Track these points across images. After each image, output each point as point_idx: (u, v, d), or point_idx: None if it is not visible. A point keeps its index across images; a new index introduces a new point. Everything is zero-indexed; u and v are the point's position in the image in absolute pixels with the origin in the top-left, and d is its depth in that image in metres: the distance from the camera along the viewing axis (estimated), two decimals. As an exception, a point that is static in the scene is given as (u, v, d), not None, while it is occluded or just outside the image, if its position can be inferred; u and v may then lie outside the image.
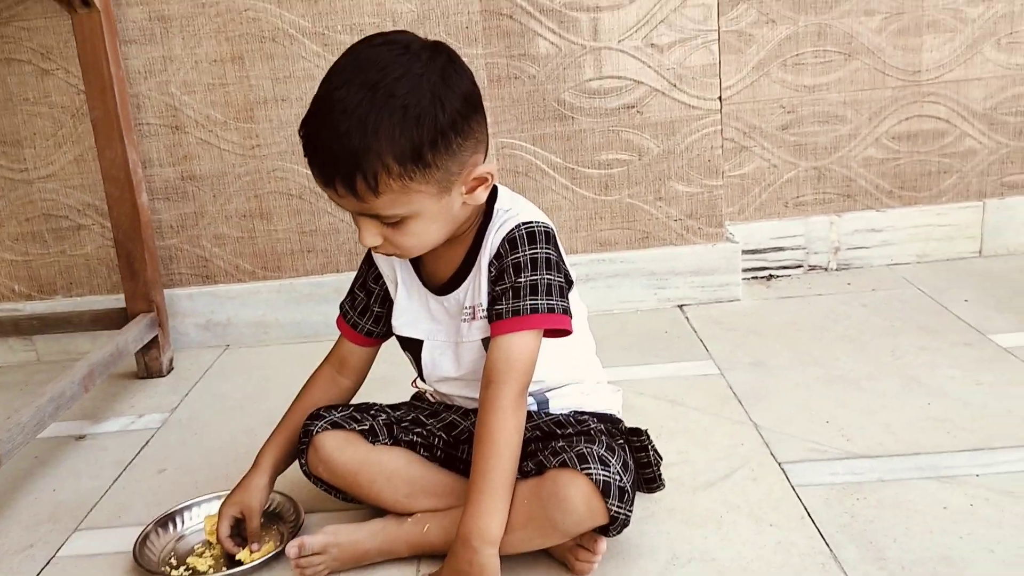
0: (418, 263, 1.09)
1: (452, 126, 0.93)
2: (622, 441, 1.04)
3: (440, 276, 1.07)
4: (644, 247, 1.84)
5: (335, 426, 1.07)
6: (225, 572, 1.07)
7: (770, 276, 1.97)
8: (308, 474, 1.10)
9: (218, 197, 1.81)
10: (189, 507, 1.19)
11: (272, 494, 1.16)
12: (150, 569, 1.08)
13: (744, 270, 1.93)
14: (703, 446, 1.28)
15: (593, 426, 1.06)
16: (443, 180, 0.94)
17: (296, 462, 1.12)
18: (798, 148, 1.92)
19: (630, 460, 1.01)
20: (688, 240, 1.84)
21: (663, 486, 1.06)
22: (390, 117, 0.89)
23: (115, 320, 1.70)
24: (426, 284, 1.08)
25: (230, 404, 1.58)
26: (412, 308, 1.09)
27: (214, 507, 1.16)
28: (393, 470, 1.07)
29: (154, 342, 1.70)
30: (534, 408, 1.09)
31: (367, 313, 1.14)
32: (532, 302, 0.98)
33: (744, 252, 1.92)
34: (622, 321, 1.80)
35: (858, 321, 1.69)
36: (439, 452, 1.12)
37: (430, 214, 0.96)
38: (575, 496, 0.93)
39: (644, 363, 1.58)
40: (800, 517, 1.08)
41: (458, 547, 0.94)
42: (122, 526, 1.21)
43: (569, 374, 1.11)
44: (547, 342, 1.02)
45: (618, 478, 0.94)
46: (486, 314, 1.02)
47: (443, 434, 1.12)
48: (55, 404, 1.31)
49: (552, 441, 1.03)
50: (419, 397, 1.19)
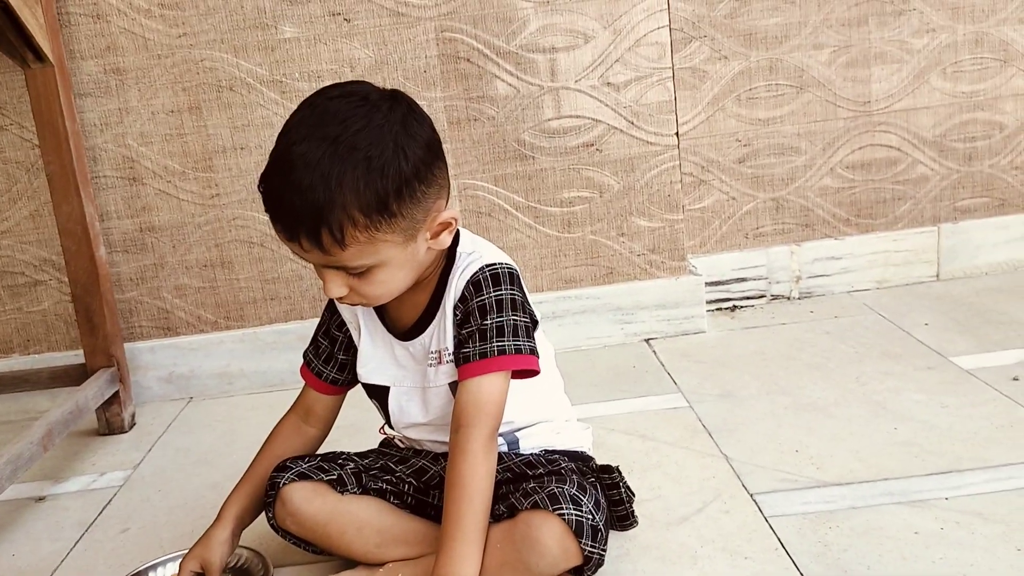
0: (382, 309, 1.08)
1: (416, 175, 0.93)
2: (593, 479, 1.03)
3: (404, 321, 1.06)
4: (609, 283, 1.85)
5: (302, 477, 1.06)
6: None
7: (734, 307, 1.99)
8: (276, 527, 1.08)
9: (178, 248, 1.79)
10: (154, 567, 1.15)
11: (239, 549, 1.13)
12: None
13: (708, 302, 1.95)
14: (675, 480, 1.28)
15: (564, 465, 1.05)
16: (408, 228, 0.94)
17: (263, 515, 1.10)
18: (755, 180, 1.95)
19: (602, 498, 1.00)
20: (652, 274, 1.85)
21: (636, 523, 1.05)
22: (354, 170, 0.89)
23: (74, 377, 1.66)
24: (390, 330, 1.07)
25: (194, 458, 1.55)
26: (377, 355, 1.08)
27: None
28: (363, 520, 1.05)
29: (115, 397, 1.67)
30: (504, 449, 1.09)
31: (331, 361, 1.13)
32: (499, 344, 0.98)
33: (707, 284, 1.94)
34: (590, 357, 1.80)
35: (823, 348, 1.70)
36: (409, 499, 1.10)
37: (396, 262, 0.95)
38: (548, 538, 0.92)
39: (613, 399, 1.58)
40: (774, 549, 1.08)
41: None
42: (85, 589, 1.18)
43: (538, 413, 1.11)
44: (515, 383, 1.01)
45: (591, 517, 0.93)
46: (452, 358, 1.02)
47: (413, 480, 1.11)
48: (13, 466, 1.28)
49: (523, 482, 1.02)
50: (387, 444, 1.18)
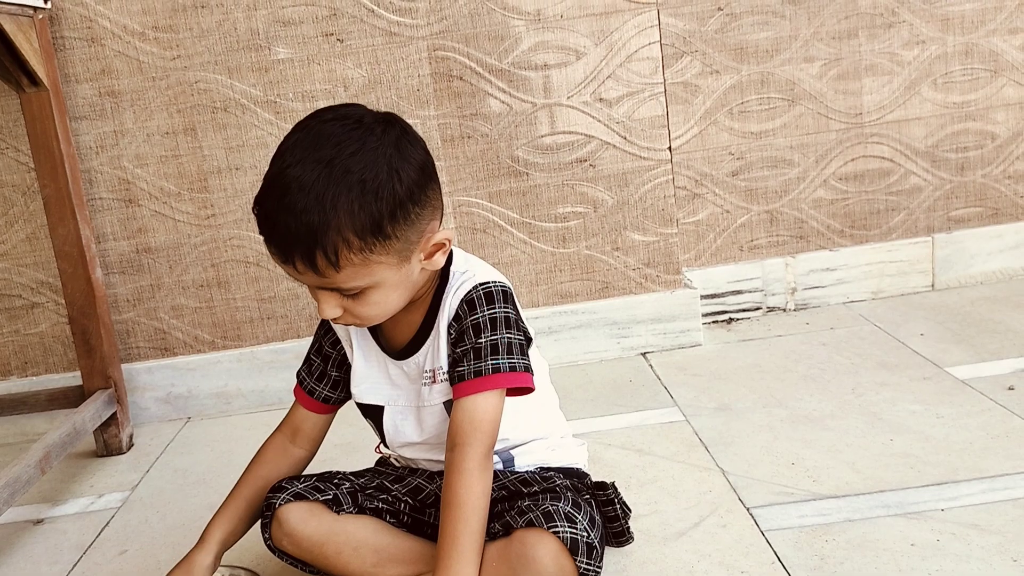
0: (376, 328, 1.08)
1: (410, 197, 0.93)
2: (588, 496, 1.03)
3: (399, 340, 1.07)
4: (604, 297, 1.85)
5: (298, 497, 1.06)
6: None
7: (730, 319, 1.99)
8: (272, 548, 1.08)
9: (174, 268, 1.80)
10: (152, 589, 1.16)
11: (236, 570, 1.14)
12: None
13: (704, 315, 1.95)
14: (672, 495, 1.28)
15: (559, 482, 1.05)
16: (403, 250, 0.94)
17: (260, 535, 1.09)
18: (749, 193, 1.96)
19: (597, 515, 1.00)
20: (647, 288, 1.86)
21: (632, 539, 1.05)
22: (348, 192, 0.89)
23: (72, 399, 1.67)
24: (384, 349, 1.08)
25: (193, 479, 1.55)
26: (371, 374, 1.09)
27: (178, 587, 1.13)
28: (360, 539, 1.05)
29: (113, 419, 1.67)
30: (500, 467, 1.09)
31: (324, 378, 1.13)
32: (494, 362, 0.98)
33: (703, 297, 1.94)
34: (586, 372, 1.80)
35: (819, 360, 1.71)
36: (406, 517, 1.10)
37: (390, 283, 0.96)
38: (544, 556, 0.92)
39: (610, 413, 1.58)
40: (771, 563, 1.08)
41: None
42: (82, 613, 1.18)
43: (533, 430, 1.11)
44: (510, 400, 1.01)
45: (585, 534, 0.94)
46: (447, 377, 1.02)
47: (409, 499, 1.11)
48: (10, 489, 1.28)
49: (518, 500, 1.02)
50: (383, 462, 1.18)
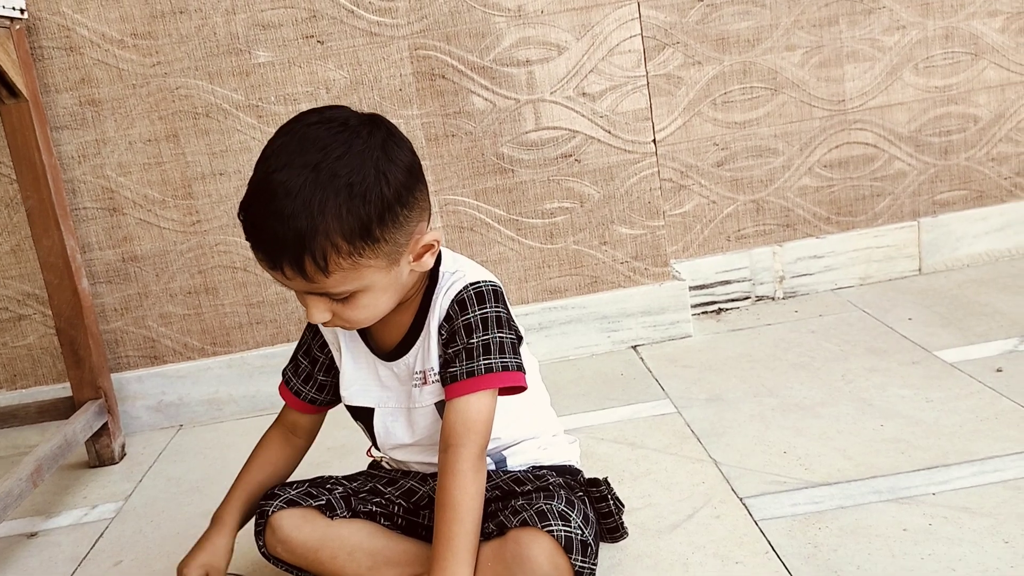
0: (365, 330, 1.08)
1: (398, 199, 0.93)
2: (581, 493, 1.03)
3: (388, 342, 1.06)
4: (593, 291, 1.85)
5: (291, 504, 1.05)
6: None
7: (719, 310, 2.00)
8: (267, 555, 1.08)
9: (161, 276, 1.79)
10: (148, 599, 1.15)
11: (232, 578, 1.14)
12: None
13: (693, 306, 1.96)
14: (665, 488, 1.28)
15: (552, 480, 1.05)
16: (392, 252, 0.94)
17: (254, 543, 1.09)
18: (735, 183, 1.96)
19: (591, 512, 1.01)
20: (636, 281, 1.86)
21: (626, 534, 1.06)
22: (336, 196, 0.88)
23: (62, 410, 1.66)
24: (374, 351, 1.07)
25: (186, 487, 1.54)
26: (360, 377, 1.08)
27: (173, 597, 1.13)
28: (354, 543, 1.05)
29: (104, 429, 1.67)
30: (492, 467, 1.09)
31: (311, 381, 1.13)
32: (486, 361, 0.98)
33: (692, 288, 1.95)
34: (578, 367, 1.80)
35: (808, 348, 1.71)
36: (400, 520, 1.10)
37: (379, 286, 0.95)
38: (538, 555, 0.92)
39: (602, 407, 1.59)
40: (764, 552, 1.09)
41: None
42: (79, 625, 1.17)
43: (525, 430, 1.11)
44: (501, 400, 1.01)
45: (580, 532, 0.94)
46: (438, 378, 1.02)
47: (402, 501, 1.11)
48: (3, 503, 1.27)
49: (512, 500, 1.02)
50: (375, 466, 1.18)
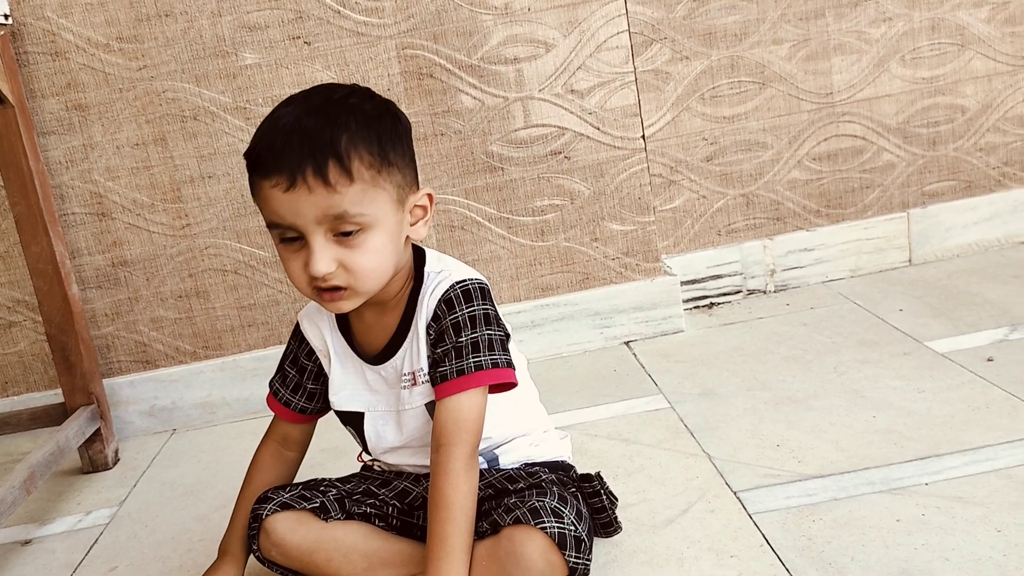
0: (350, 334, 1.08)
1: (405, 134, 1.00)
2: (574, 489, 1.04)
3: (375, 345, 1.06)
4: (585, 288, 1.86)
5: (285, 507, 1.05)
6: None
7: (711, 304, 2.00)
8: (261, 559, 1.07)
9: (151, 280, 1.78)
10: (143, 604, 1.15)
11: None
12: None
13: (685, 301, 1.96)
14: (659, 483, 1.28)
15: (544, 477, 1.05)
16: (400, 187, 0.97)
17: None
18: (724, 177, 1.96)
19: (584, 508, 1.01)
20: (628, 277, 1.86)
21: (620, 529, 1.06)
22: (353, 117, 0.94)
23: (54, 416, 1.66)
24: (360, 355, 1.07)
25: (180, 491, 1.54)
26: (349, 382, 1.08)
27: (169, 602, 1.13)
28: (349, 545, 1.05)
29: (97, 435, 1.66)
30: (485, 466, 1.09)
31: (300, 389, 1.13)
32: (476, 359, 0.98)
33: (683, 283, 1.95)
34: (571, 363, 1.80)
35: (800, 341, 1.72)
36: (394, 521, 1.10)
37: (386, 228, 0.95)
38: (532, 552, 0.93)
39: (595, 404, 1.59)
40: (759, 545, 1.09)
41: None
42: (74, 632, 1.17)
43: (516, 427, 1.11)
44: (491, 398, 1.01)
45: (573, 528, 0.94)
46: (428, 378, 1.02)
47: (396, 502, 1.11)
48: (-5, 512, 1.27)
49: (505, 497, 1.02)
50: (368, 468, 1.17)
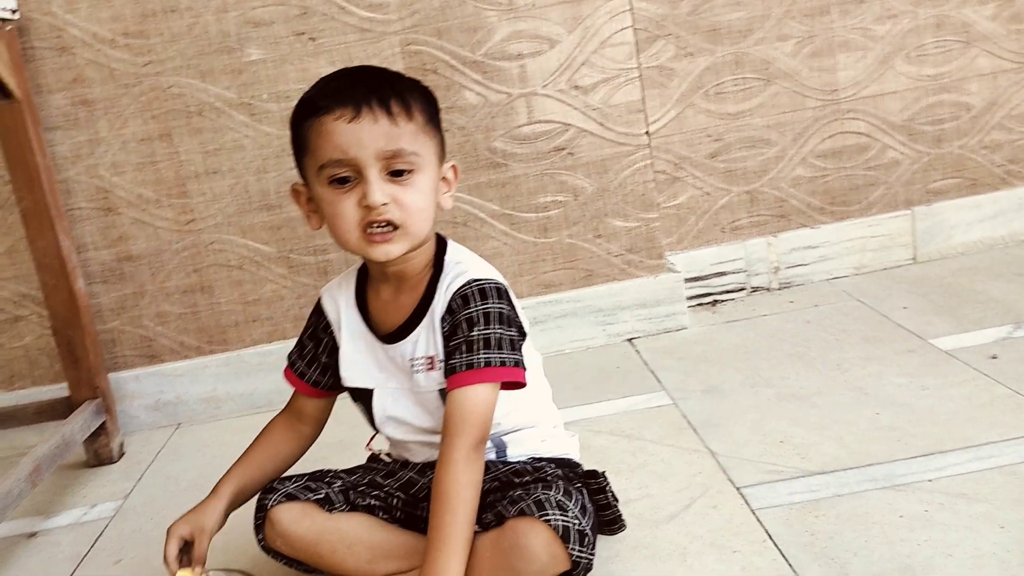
0: (366, 310, 1.09)
1: (438, 110, 1.05)
2: (580, 485, 1.04)
3: (389, 324, 1.07)
4: (588, 285, 1.86)
5: (290, 498, 1.06)
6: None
7: (715, 301, 2.00)
8: (266, 549, 1.08)
9: (157, 275, 1.79)
10: (148, 597, 1.16)
11: (232, 573, 1.14)
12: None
13: (689, 298, 1.96)
14: (662, 478, 1.29)
15: (550, 472, 1.06)
16: (437, 150, 1.03)
17: (254, 537, 1.10)
18: (729, 174, 1.96)
19: (588, 503, 1.01)
20: (631, 274, 1.86)
21: (624, 527, 1.06)
22: (403, 77, 1.03)
23: (60, 410, 1.66)
24: (374, 332, 1.08)
25: (185, 485, 1.55)
26: (359, 358, 1.09)
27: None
28: (353, 537, 1.06)
29: (102, 428, 1.67)
30: (492, 456, 1.09)
31: (315, 363, 1.13)
32: (486, 355, 0.99)
33: (687, 280, 1.95)
34: (574, 360, 1.80)
35: (804, 338, 1.72)
36: (399, 513, 1.11)
37: (432, 176, 1.01)
38: (536, 544, 0.93)
39: (598, 400, 1.59)
40: (762, 541, 1.09)
41: None
42: (80, 624, 1.18)
43: (525, 418, 1.11)
44: (501, 394, 1.02)
45: (577, 522, 0.94)
46: (442, 364, 1.03)
47: (401, 494, 1.11)
48: (1, 504, 1.27)
49: (510, 490, 1.03)
50: (374, 459, 1.18)
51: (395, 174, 0.97)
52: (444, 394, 1.03)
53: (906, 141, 1.99)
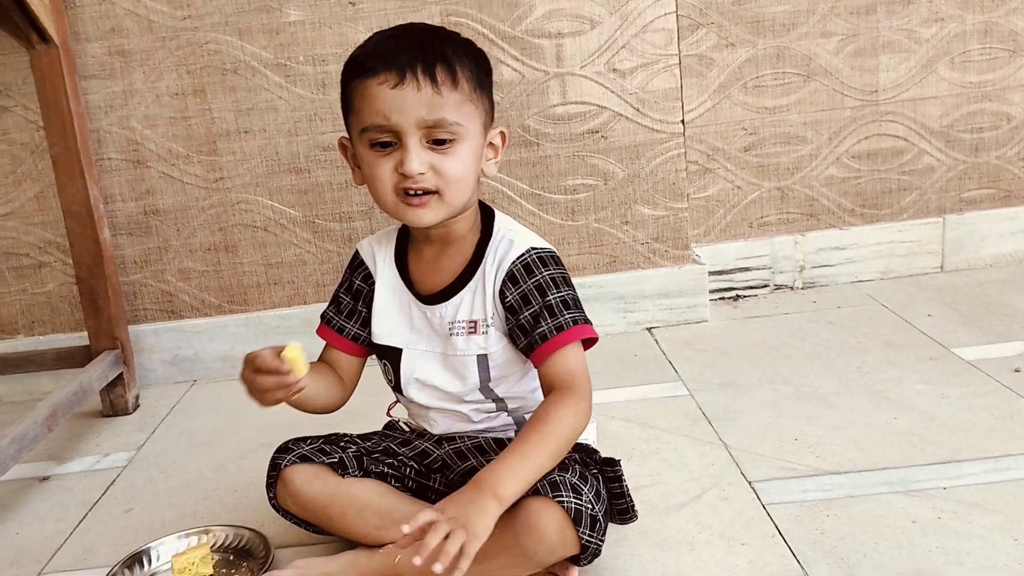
0: (406, 269, 1.08)
1: (490, 72, 1.03)
2: (596, 471, 1.03)
3: (429, 285, 1.06)
4: (612, 271, 1.85)
5: (304, 460, 1.06)
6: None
7: (737, 296, 1.99)
8: (277, 507, 1.08)
9: (182, 231, 1.79)
10: (156, 546, 1.16)
11: (241, 530, 1.15)
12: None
13: (711, 291, 1.95)
14: (674, 467, 1.28)
15: (568, 456, 1.05)
16: (486, 113, 1.01)
17: (257, 494, 1.10)
18: (761, 169, 1.95)
19: (603, 490, 1.00)
20: (655, 263, 1.85)
21: (636, 518, 1.05)
22: (453, 39, 1.00)
23: (78, 358, 1.67)
24: (412, 291, 1.07)
25: (198, 440, 1.56)
26: (392, 316, 1.08)
27: (182, 545, 1.15)
28: (364, 502, 1.06)
29: (119, 379, 1.68)
30: (512, 433, 1.09)
31: (355, 315, 1.11)
32: (571, 316, 1.01)
33: (711, 273, 1.94)
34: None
35: (825, 338, 1.70)
36: (410, 482, 1.11)
37: (474, 146, 0.99)
38: (547, 525, 0.93)
39: (615, 386, 1.58)
40: (771, 536, 1.09)
41: (469, 485, 0.90)
42: (88, 568, 1.19)
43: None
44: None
45: (590, 507, 0.94)
46: (488, 330, 1.02)
47: (415, 463, 1.11)
48: (17, 446, 1.29)
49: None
50: (391, 427, 1.18)
51: (436, 142, 0.96)
52: (481, 360, 1.03)
53: (943, 148, 1.96)
